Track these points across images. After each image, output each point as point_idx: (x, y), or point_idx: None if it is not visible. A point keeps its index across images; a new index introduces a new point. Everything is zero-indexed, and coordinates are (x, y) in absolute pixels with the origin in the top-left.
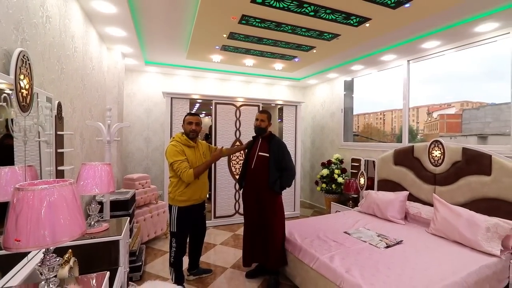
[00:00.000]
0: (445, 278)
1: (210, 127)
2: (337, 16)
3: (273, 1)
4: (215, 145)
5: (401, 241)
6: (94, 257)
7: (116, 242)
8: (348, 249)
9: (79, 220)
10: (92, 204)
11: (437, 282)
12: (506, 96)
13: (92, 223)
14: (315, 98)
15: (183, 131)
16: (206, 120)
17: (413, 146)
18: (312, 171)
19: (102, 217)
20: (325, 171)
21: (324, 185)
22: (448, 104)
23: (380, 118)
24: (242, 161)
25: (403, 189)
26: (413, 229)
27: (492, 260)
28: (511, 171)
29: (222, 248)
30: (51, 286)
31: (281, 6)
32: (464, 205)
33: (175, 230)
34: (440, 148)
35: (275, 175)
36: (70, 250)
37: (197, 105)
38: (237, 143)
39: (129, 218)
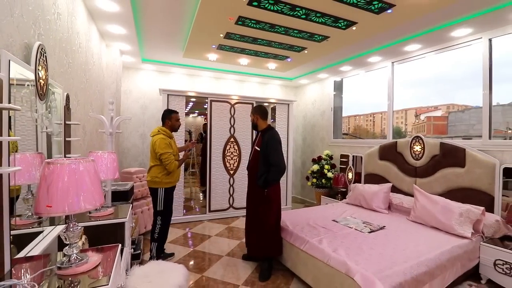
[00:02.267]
0: (420, 256)
1: (205, 125)
2: (326, 19)
3: (268, 4)
4: (210, 141)
5: (384, 226)
6: (102, 237)
7: (122, 224)
8: (335, 233)
9: (99, 192)
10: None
11: (414, 259)
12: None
13: (98, 207)
14: (307, 97)
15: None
16: (199, 120)
17: (396, 141)
18: (303, 167)
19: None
20: (315, 167)
21: (314, 180)
22: (435, 106)
23: (370, 120)
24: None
25: (387, 182)
26: (396, 217)
27: (463, 242)
28: (483, 163)
29: (217, 239)
30: (74, 250)
31: (275, 9)
32: (441, 194)
33: (162, 209)
34: (421, 143)
35: (262, 170)
36: (81, 228)
37: (191, 104)
38: (232, 139)
39: (131, 204)
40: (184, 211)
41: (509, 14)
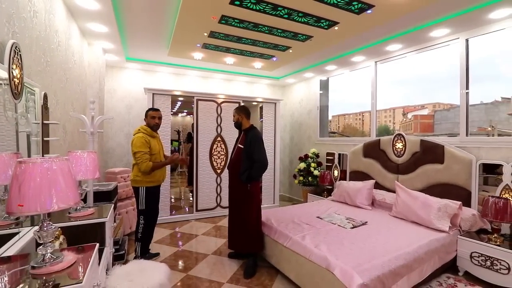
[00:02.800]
0: (399, 249)
1: (192, 125)
2: (308, 19)
3: (250, 4)
4: (196, 140)
5: (366, 222)
6: (82, 238)
7: (102, 224)
8: (318, 230)
9: (74, 191)
10: (78, 190)
11: (392, 252)
12: (474, 98)
13: (78, 207)
14: (294, 96)
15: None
16: (188, 120)
17: (379, 139)
18: (291, 166)
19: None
20: (302, 165)
21: (301, 178)
22: (422, 105)
23: (359, 119)
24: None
25: (371, 178)
26: (378, 213)
27: (441, 235)
28: (460, 159)
29: (204, 238)
30: (48, 249)
31: (257, 8)
32: (422, 190)
33: (143, 208)
34: (402, 141)
35: (245, 165)
36: (59, 228)
37: (179, 103)
38: (218, 138)
39: (113, 204)
40: (173, 211)
41: (485, 15)
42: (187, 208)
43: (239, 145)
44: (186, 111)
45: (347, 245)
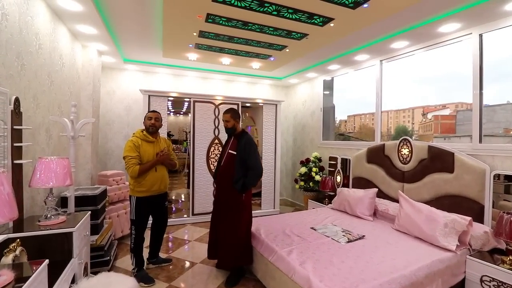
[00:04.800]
0: (394, 271)
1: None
2: (300, 15)
3: (234, 0)
4: (193, 143)
5: (363, 236)
6: (48, 248)
7: (69, 234)
8: (309, 243)
9: (7, 206)
10: (49, 197)
11: (386, 275)
12: (501, 98)
13: (49, 215)
14: (297, 97)
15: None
16: (180, 119)
17: (384, 144)
18: (293, 169)
19: (65, 211)
20: (303, 169)
21: (302, 183)
22: (443, 105)
23: (374, 119)
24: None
25: (375, 186)
26: (379, 225)
27: (446, 255)
28: (472, 169)
29: (195, 244)
30: None
31: (242, 5)
32: (429, 201)
33: (133, 218)
34: (409, 146)
35: (239, 173)
36: (18, 240)
37: (186, 104)
38: (216, 141)
39: (90, 212)
40: (172, 214)
41: (499, 7)
42: (183, 210)
43: (230, 151)
44: (183, 111)
45: (336, 263)
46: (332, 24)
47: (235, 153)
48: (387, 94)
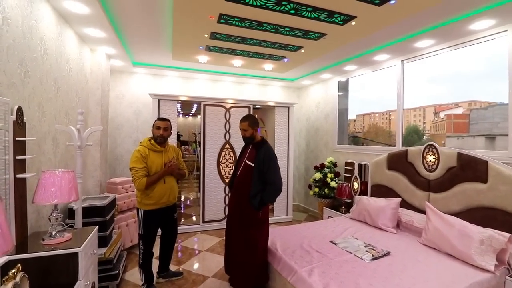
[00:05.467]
0: None
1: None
2: (319, 14)
3: None
4: (203, 148)
5: (389, 252)
6: (52, 269)
7: (75, 255)
8: (330, 261)
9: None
10: (53, 213)
11: None
12: None
13: (54, 233)
14: (310, 99)
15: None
16: (189, 121)
17: (406, 150)
18: (306, 174)
19: (72, 225)
20: (317, 175)
21: (316, 189)
22: (456, 104)
23: (386, 118)
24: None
25: (396, 194)
26: (404, 239)
27: (485, 276)
28: (509, 179)
29: (206, 256)
30: None
31: (258, 4)
32: (459, 213)
33: (141, 232)
34: (435, 153)
35: (256, 188)
36: (18, 265)
37: (195, 105)
38: (227, 145)
39: (97, 227)
40: (181, 220)
41: None
42: (194, 218)
43: (247, 161)
44: (191, 113)
45: (364, 286)
46: (353, 23)
47: (252, 164)
48: (393, 94)
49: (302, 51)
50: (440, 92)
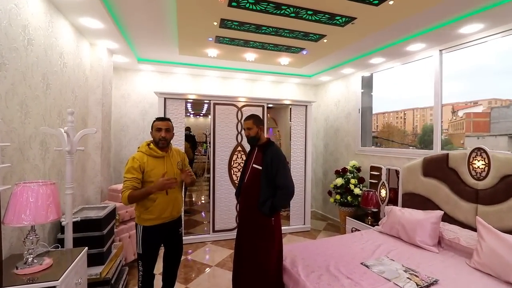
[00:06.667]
0: None
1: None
2: None
3: None
4: (213, 151)
5: (436, 281)
6: None
7: None
8: None
9: None
10: (30, 235)
11: None
12: None
13: (30, 259)
14: (328, 96)
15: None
16: (200, 121)
17: (447, 154)
18: (325, 178)
19: (58, 246)
20: (339, 181)
21: (338, 197)
22: (475, 102)
23: (401, 117)
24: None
25: (434, 205)
26: (450, 261)
27: None
28: None
29: (217, 272)
30: None
31: None
32: None
33: (140, 252)
34: (484, 158)
35: (266, 193)
36: None
37: (206, 105)
38: (239, 148)
39: (86, 248)
40: (190, 228)
41: None
42: (204, 227)
43: (254, 165)
44: (202, 113)
45: None
46: (391, 2)
47: (260, 168)
48: (411, 92)
49: (325, 40)
50: (458, 90)
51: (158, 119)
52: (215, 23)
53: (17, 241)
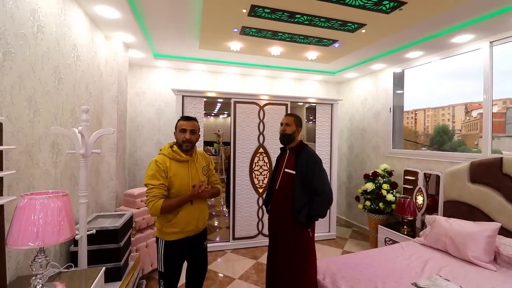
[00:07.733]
0: None
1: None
2: None
3: None
4: (233, 153)
5: None
6: None
7: None
8: None
9: None
10: (38, 257)
11: None
12: None
13: (39, 287)
14: (353, 95)
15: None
16: (229, 122)
17: (501, 158)
18: (349, 182)
19: (71, 265)
20: (369, 185)
21: (368, 203)
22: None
23: (412, 118)
24: (268, 177)
25: (483, 215)
26: (511, 280)
27: None
28: None
29: (241, 285)
30: None
31: None
32: None
33: (162, 270)
34: None
35: (301, 200)
36: None
37: (219, 104)
38: (261, 149)
39: (104, 268)
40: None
41: None
42: (217, 235)
43: (286, 169)
44: (226, 112)
45: None
46: None
47: (293, 172)
48: (422, 92)
49: (363, 30)
50: (470, 89)
51: (183, 118)
52: (244, 10)
53: (25, 258)
